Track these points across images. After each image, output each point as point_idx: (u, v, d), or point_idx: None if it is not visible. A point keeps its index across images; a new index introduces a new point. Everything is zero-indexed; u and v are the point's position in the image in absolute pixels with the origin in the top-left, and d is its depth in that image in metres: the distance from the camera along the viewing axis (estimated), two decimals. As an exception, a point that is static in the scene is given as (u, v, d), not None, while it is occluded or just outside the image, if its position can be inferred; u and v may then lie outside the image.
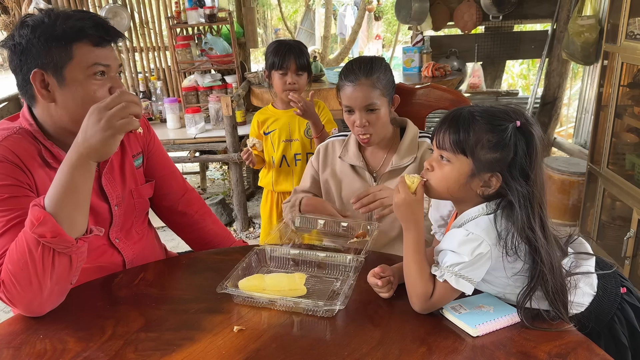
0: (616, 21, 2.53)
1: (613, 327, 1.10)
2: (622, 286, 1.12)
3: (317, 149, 1.70)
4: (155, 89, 3.75)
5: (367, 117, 1.48)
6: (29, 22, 1.10)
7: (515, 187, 0.98)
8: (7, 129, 1.16)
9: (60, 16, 1.11)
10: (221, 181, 4.62)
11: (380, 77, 1.48)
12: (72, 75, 1.11)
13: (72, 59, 1.11)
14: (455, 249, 1.00)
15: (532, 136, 0.99)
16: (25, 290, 1.01)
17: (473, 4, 4.03)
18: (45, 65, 1.11)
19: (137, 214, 1.37)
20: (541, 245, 0.98)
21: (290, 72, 2.05)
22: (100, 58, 1.13)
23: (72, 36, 1.10)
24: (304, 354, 0.94)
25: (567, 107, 4.80)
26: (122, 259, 1.33)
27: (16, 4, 3.71)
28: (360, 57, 1.55)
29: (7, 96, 3.90)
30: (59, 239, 1.00)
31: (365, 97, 1.46)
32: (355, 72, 1.47)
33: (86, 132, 1.01)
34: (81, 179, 1.03)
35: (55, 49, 1.10)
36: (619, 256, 2.49)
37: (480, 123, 1.00)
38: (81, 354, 0.95)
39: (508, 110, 1.02)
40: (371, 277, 1.11)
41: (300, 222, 1.47)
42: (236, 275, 1.14)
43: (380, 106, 1.48)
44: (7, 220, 1.07)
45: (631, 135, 2.62)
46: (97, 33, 1.12)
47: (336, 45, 10.36)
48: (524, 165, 0.99)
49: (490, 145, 0.99)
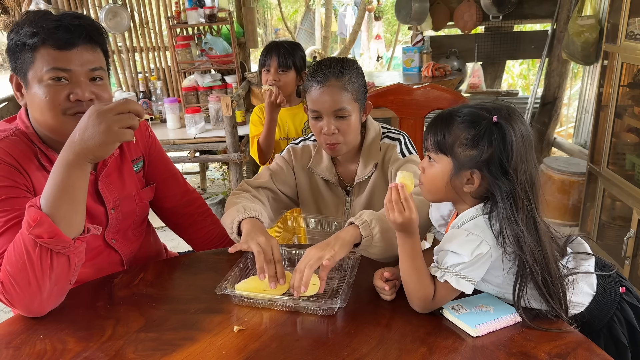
0: (616, 21, 2.53)
1: (613, 327, 1.10)
2: (622, 286, 1.12)
3: (291, 148, 1.54)
4: (155, 89, 3.75)
5: (336, 124, 1.34)
6: (14, 26, 1.12)
7: (495, 184, 0.99)
8: (4, 131, 1.15)
9: (30, 18, 1.10)
10: (221, 181, 4.62)
11: (352, 80, 1.35)
12: (34, 79, 1.11)
13: (33, 63, 1.10)
14: (456, 250, 1.00)
15: (508, 132, 0.98)
16: (25, 291, 1.01)
17: (473, 4, 4.03)
18: (16, 70, 1.12)
19: (136, 218, 1.37)
20: (524, 240, 0.97)
21: (272, 69, 2.09)
22: (59, 62, 1.09)
23: (31, 38, 1.08)
24: (304, 354, 0.94)
25: (567, 107, 4.80)
26: (120, 258, 1.33)
27: (16, 4, 3.71)
28: (330, 58, 1.42)
29: (7, 96, 3.91)
30: (56, 240, 0.99)
31: (335, 100, 1.32)
32: (325, 73, 1.33)
33: (84, 132, 1.00)
34: (77, 178, 1.02)
35: (21, 53, 1.10)
36: (619, 256, 2.49)
37: (458, 122, 1.02)
38: (81, 354, 0.95)
39: (490, 107, 1.02)
40: (378, 280, 1.10)
41: (291, 222, 1.46)
42: (234, 277, 1.14)
43: (352, 112, 1.34)
44: (5, 222, 1.07)
45: (631, 135, 2.62)
46: (56, 35, 1.08)
47: (336, 45, 10.36)
48: (502, 162, 0.98)
49: (467, 142, 1.01)
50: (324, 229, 1.46)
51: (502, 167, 0.99)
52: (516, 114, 1.03)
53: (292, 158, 1.52)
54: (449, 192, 1.06)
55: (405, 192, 1.01)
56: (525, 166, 0.99)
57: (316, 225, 1.47)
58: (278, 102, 1.97)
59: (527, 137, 1.01)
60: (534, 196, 1.00)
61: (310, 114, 1.38)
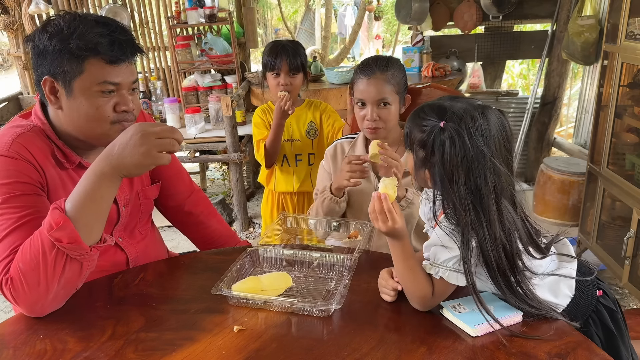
0: (616, 21, 2.53)
1: (588, 329, 1.10)
2: (599, 289, 1.13)
3: (325, 152, 1.73)
4: (155, 89, 3.75)
5: (378, 112, 1.52)
6: (48, 28, 1.10)
7: (436, 187, 1.02)
8: (21, 126, 1.16)
9: (79, 27, 1.09)
10: (221, 181, 4.62)
11: (395, 74, 1.53)
12: (80, 89, 1.12)
13: (82, 73, 1.11)
14: (446, 244, 1.01)
15: (447, 141, 0.97)
16: (32, 291, 1.02)
17: (473, 4, 4.03)
18: (56, 74, 1.11)
19: (141, 215, 1.38)
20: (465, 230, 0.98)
21: (283, 73, 2.04)
22: (110, 76, 1.12)
23: (85, 51, 1.09)
24: (304, 354, 0.94)
25: (567, 107, 4.80)
26: (125, 258, 1.33)
27: (16, 4, 3.71)
28: (378, 55, 1.61)
29: (7, 96, 3.91)
30: (75, 246, 1.00)
31: (379, 90, 1.50)
32: (372, 67, 1.52)
33: (124, 149, 1.02)
34: (106, 189, 1.04)
35: (68, 61, 1.10)
36: (619, 256, 2.49)
37: (417, 122, 1.04)
38: (81, 354, 0.96)
39: (449, 108, 1.00)
40: (388, 277, 1.11)
41: (291, 222, 1.48)
42: (230, 277, 1.14)
43: (392, 102, 1.52)
44: (18, 218, 1.07)
45: (631, 135, 2.62)
46: (110, 52, 1.11)
47: (336, 45, 10.36)
48: (443, 168, 0.99)
49: (419, 144, 1.03)
50: (324, 229, 1.47)
51: (440, 174, 0.99)
52: (469, 119, 0.98)
53: (328, 162, 1.70)
54: (422, 183, 1.09)
55: (388, 203, 1.04)
56: (470, 175, 0.97)
57: (316, 226, 1.48)
58: (287, 109, 1.95)
59: (479, 146, 0.97)
60: (482, 205, 0.97)
61: (357, 102, 1.56)
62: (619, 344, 1.12)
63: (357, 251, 1.25)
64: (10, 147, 1.11)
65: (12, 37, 3.90)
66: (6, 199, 1.07)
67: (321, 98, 3.29)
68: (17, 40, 3.89)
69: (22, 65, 3.97)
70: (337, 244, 1.42)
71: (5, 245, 1.05)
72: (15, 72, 4.40)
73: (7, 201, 1.07)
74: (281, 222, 1.46)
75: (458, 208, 0.98)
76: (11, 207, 1.07)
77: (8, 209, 1.07)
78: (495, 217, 0.98)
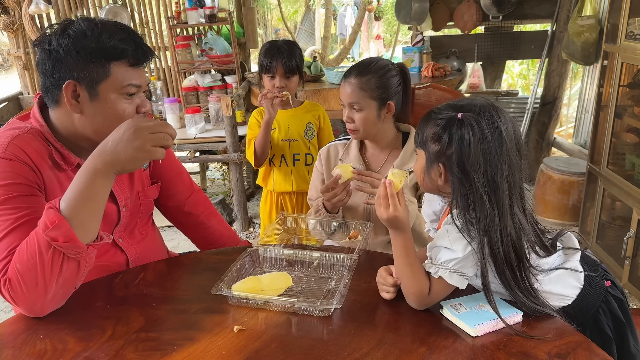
0: (616, 21, 2.53)
1: (598, 319, 1.11)
2: (606, 279, 1.14)
3: (318, 154, 1.73)
4: (155, 89, 3.75)
5: (351, 114, 1.54)
6: (70, 32, 1.10)
7: (451, 180, 1.02)
8: (19, 128, 1.16)
9: (103, 32, 1.11)
10: (221, 181, 4.62)
11: (372, 80, 1.50)
12: (106, 92, 1.13)
13: (108, 77, 1.12)
14: (449, 245, 1.01)
15: (467, 130, 0.99)
16: (30, 291, 1.02)
17: (473, 4, 4.03)
18: (80, 78, 1.11)
19: (141, 215, 1.38)
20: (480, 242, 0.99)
21: (279, 75, 2.05)
22: (134, 78, 1.15)
23: (113, 56, 1.11)
24: (304, 354, 0.94)
25: (567, 107, 4.80)
26: (125, 258, 1.33)
27: (16, 4, 3.71)
28: (367, 59, 1.60)
29: (7, 96, 3.91)
30: (71, 244, 1.00)
31: (349, 95, 1.52)
32: (351, 71, 1.54)
33: (117, 145, 1.03)
34: (101, 186, 1.04)
35: (93, 65, 1.11)
36: (618, 256, 2.49)
37: (432, 118, 1.06)
38: (81, 354, 0.96)
39: (465, 104, 1.03)
40: (385, 274, 1.11)
41: (291, 222, 1.48)
42: (230, 277, 1.14)
43: (364, 107, 1.51)
44: (15, 219, 1.07)
45: (631, 135, 2.62)
46: (136, 55, 1.14)
47: (336, 46, 10.36)
48: (459, 159, 1.00)
49: (434, 137, 1.04)
50: (324, 229, 1.47)
51: (459, 164, 1.00)
52: (487, 114, 1.01)
53: (321, 163, 1.71)
54: (430, 183, 1.09)
55: (392, 188, 1.05)
56: (487, 166, 0.99)
57: (315, 226, 1.48)
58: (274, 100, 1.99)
59: (497, 138, 0.99)
60: (497, 198, 0.99)
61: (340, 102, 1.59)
62: (628, 332, 1.13)
63: (357, 251, 1.25)
64: (7, 148, 1.10)
65: (12, 37, 3.90)
66: (3, 201, 1.07)
67: (321, 98, 3.29)
68: (17, 40, 3.89)
69: (22, 66, 3.97)
70: (337, 245, 1.42)
71: (2, 247, 1.05)
72: (15, 72, 4.40)
73: (4, 203, 1.07)
74: (281, 222, 1.46)
75: (474, 200, 0.99)
76: (8, 208, 1.07)
77: (5, 210, 1.07)
78: (508, 211, 1.00)
